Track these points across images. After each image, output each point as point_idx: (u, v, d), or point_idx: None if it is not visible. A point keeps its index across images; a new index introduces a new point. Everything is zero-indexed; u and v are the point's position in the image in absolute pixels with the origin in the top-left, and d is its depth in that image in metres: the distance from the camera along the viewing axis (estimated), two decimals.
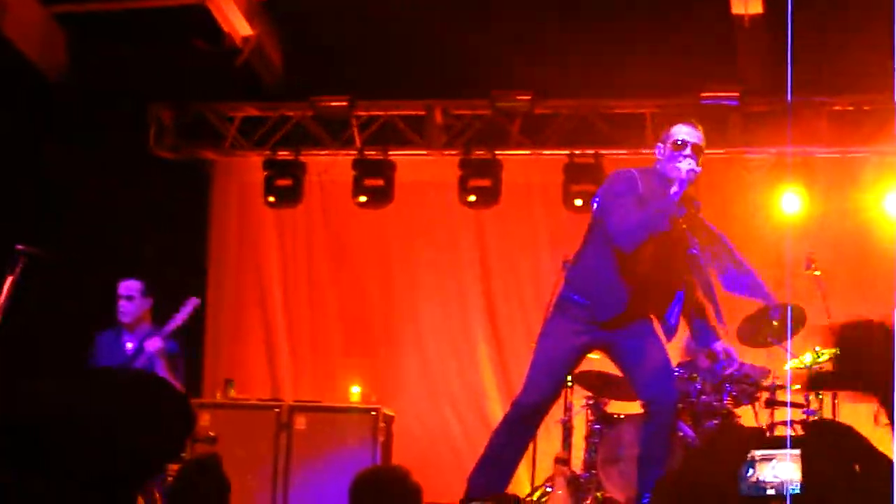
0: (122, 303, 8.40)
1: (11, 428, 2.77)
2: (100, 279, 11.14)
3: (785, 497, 4.30)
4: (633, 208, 6.81)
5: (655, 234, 6.79)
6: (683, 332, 10.32)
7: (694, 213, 7.00)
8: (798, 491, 4.32)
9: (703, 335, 7.17)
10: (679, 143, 6.93)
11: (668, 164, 6.92)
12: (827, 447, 4.19)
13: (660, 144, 7.07)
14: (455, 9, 11.12)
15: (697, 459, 4.59)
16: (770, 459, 4.39)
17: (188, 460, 6.21)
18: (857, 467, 4.26)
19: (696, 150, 6.91)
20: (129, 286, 8.43)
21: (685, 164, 6.81)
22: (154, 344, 8.14)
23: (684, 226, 6.94)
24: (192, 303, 8.31)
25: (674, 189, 6.77)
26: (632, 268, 6.89)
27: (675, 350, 10.15)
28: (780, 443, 4.50)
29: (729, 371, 7.26)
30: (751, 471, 4.35)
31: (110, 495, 2.63)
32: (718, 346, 7.11)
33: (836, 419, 9.51)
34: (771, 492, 4.37)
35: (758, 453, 4.40)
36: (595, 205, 7.22)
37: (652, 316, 7.10)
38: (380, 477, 5.49)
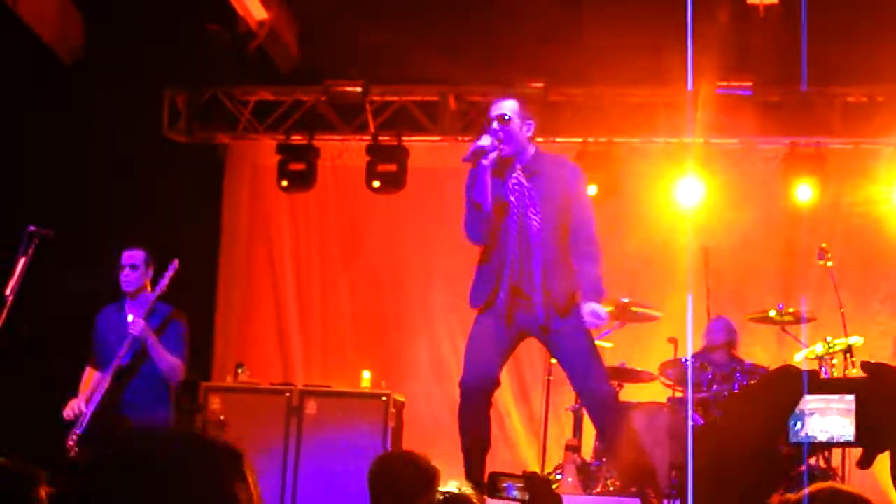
0: (126, 272, 8.37)
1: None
2: (112, 261, 11.20)
3: (835, 445, 4.29)
4: (467, 204, 7.09)
5: (486, 219, 6.98)
6: (699, 325, 10.39)
7: (525, 179, 7.06)
8: (850, 439, 4.30)
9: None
10: (488, 120, 7.13)
11: None
12: (885, 390, 4.17)
13: None
14: None
15: (745, 403, 4.56)
16: (823, 409, 4.37)
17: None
18: None
19: (499, 120, 6.99)
20: (133, 255, 8.39)
21: (482, 139, 6.98)
22: (136, 327, 8.14)
23: (512, 198, 6.99)
24: (173, 266, 8.30)
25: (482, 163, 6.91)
26: (490, 251, 7.08)
27: (694, 340, 10.22)
28: (834, 387, 4.47)
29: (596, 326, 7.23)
30: (799, 423, 4.34)
31: None
32: (585, 308, 7.07)
33: None
34: (823, 438, 4.34)
35: (809, 402, 4.37)
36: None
37: (529, 296, 7.09)
38: (398, 461, 5.51)
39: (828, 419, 4.21)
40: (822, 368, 9.73)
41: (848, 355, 9.67)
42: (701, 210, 11.71)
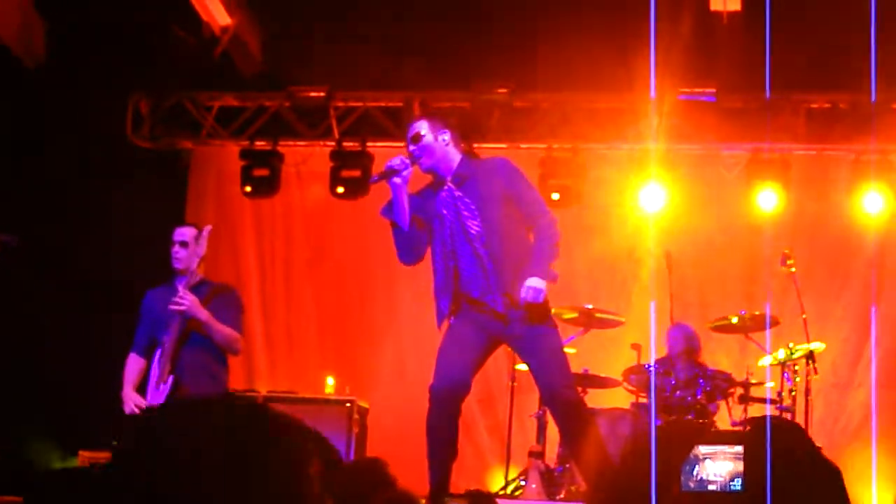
0: (176, 248, 8.10)
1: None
2: (75, 267, 11.16)
3: (727, 493, 4.31)
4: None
5: (408, 239, 7.07)
6: (663, 330, 10.42)
7: (461, 174, 7.08)
8: (740, 488, 4.33)
9: None
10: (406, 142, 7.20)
11: None
12: (772, 445, 4.19)
13: None
14: (435, 0, 11.14)
15: (638, 456, 4.59)
16: (714, 456, 4.40)
17: None
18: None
19: (413, 140, 7.10)
20: (183, 232, 8.14)
21: (411, 157, 7.07)
22: (184, 303, 7.85)
23: (444, 210, 7.01)
24: (207, 230, 8.13)
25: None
26: (437, 269, 7.13)
27: (658, 346, 10.25)
28: (724, 439, 4.50)
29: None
30: (695, 468, 4.36)
31: None
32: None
33: (794, 418, 9.58)
34: (713, 488, 4.37)
35: (702, 450, 4.40)
36: None
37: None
38: (353, 469, 5.50)
39: (719, 464, 4.25)
40: (785, 374, 9.77)
41: (810, 361, 9.72)
42: (664, 216, 11.74)
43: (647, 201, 11.70)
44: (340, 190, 12.30)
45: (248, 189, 12.47)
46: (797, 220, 11.76)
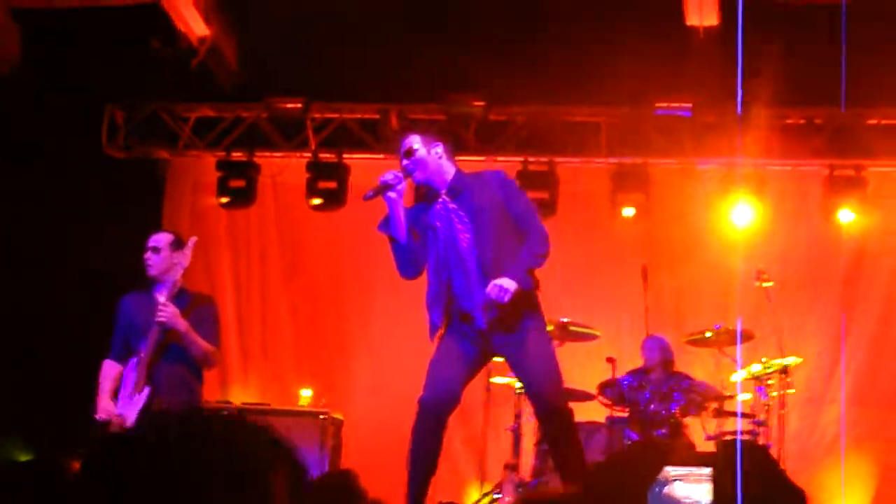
0: (148, 254, 7.99)
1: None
2: (51, 279, 11.12)
3: None
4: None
5: (407, 252, 7.10)
6: (638, 343, 10.44)
7: (454, 189, 7.10)
8: None
9: None
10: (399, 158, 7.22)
11: None
12: (738, 468, 4.20)
13: None
14: (411, 13, 11.14)
15: (606, 474, 4.60)
16: (684, 478, 4.40)
17: None
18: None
19: (406, 155, 7.14)
20: (157, 238, 8.03)
21: (404, 172, 7.11)
22: (165, 314, 7.69)
23: (438, 223, 7.03)
24: (192, 242, 8.04)
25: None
26: (430, 281, 7.15)
27: (631, 359, 10.27)
28: (693, 460, 4.51)
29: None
30: (664, 489, 4.36)
31: None
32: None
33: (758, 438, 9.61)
34: None
35: (671, 471, 4.41)
36: None
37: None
38: (324, 482, 5.50)
39: (689, 486, 4.26)
40: (759, 388, 9.80)
41: (784, 375, 9.75)
42: (641, 230, 11.78)
43: (624, 215, 11.75)
44: (317, 201, 12.30)
45: (225, 200, 12.45)
46: (771, 235, 11.79)
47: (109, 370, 8.02)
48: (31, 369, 11.02)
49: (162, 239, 8.05)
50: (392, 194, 6.96)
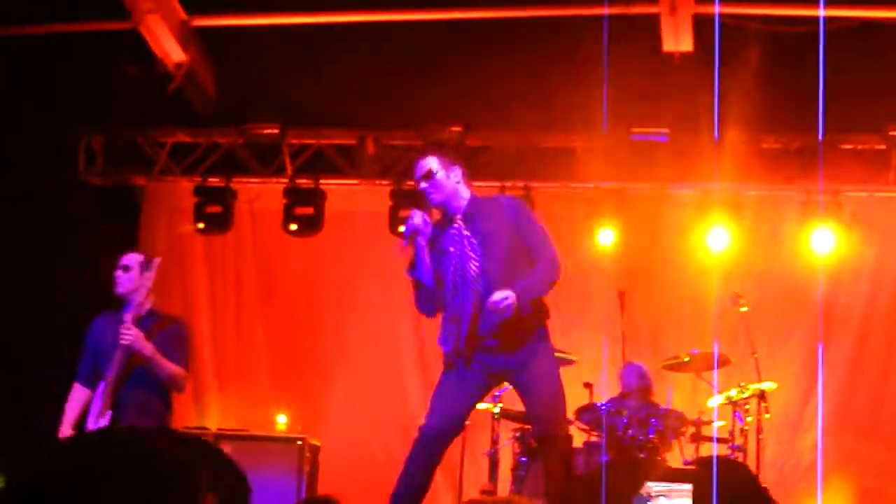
0: (119, 273, 7.86)
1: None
2: (26, 306, 11.07)
3: None
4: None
5: (431, 294, 7.01)
6: (614, 369, 10.43)
7: (468, 216, 7.08)
8: None
9: None
10: (416, 181, 7.16)
11: None
12: (719, 484, 4.21)
13: None
14: (388, 40, 11.17)
15: (587, 487, 4.62)
16: (665, 494, 4.42)
17: None
18: None
19: (424, 178, 7.06)
20: (129, 257, 7.92)
21: (421, 196, 7.08)
22: (128, 337, 7.60)
23: (451, 248, 6.99)
24: (155, 263, 7.95)
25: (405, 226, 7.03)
26: (446, 301, 7.02)
27: (610, 386, 10.26)
28: (674, 477, 4.52)
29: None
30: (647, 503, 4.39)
31: None
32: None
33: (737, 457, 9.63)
34: None
35: (653, 487, 4.42)
36: None
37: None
38: None
39: (671, 501, 4.28)
40: (737, 413, 9.81)
41: (761, 400, 9.76)
42: (617, 254, 11.79)
43: (601, 240, 11.77)
44: (293, 227, 12.28)
45: (201, 226, 12.42)
46: (748, 259, 11.81)
47: (76, 394, 7.90)
48: (5, 395, 10.96)
49: (133, 258, 7.95)
50: (421, 239, 6.93)
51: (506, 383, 7.32)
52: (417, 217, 6.96)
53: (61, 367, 8.41)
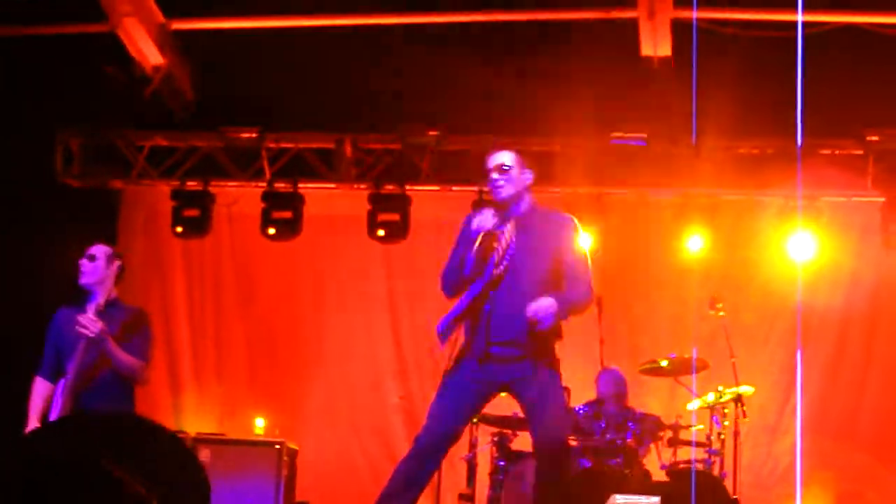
0: (84, 261, 7.74)
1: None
2: (1, 308, 11.03)
3: None
4: (454, 254, 6.99)
5: (468, 276, 6.86)
6: (592, 373, 10.42)
7: (523, 219, 7.03)
8: None
9: None
10: (487, 170, 7.06)
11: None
12: (690, 497, 4.22)
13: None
14: (366, 44, 11.17)
15: (556, 501, 4.61)
16: None
17: None
18: None
19: (498, 169, 6.98)
20: (97, 247, 7.77)
21: (490, 186, 6.96)
22: (91, 329, 7.56)
23: (496, 244, 6.94)
24: (118, 262, 7.85)
25: (476, 222, 6.86)
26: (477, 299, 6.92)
27: (586, 390, 10.26)
28: (643, 489, 4.51)
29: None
30: None
31: None
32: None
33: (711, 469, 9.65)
34: None
35: (619, 499, 4.42)
36: None
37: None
38: None
39: None
40: (714, 417, 9.82)
41: (739, 404, 9.77)
42: (594, 259, 11.78)
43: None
44: (272, 231, 12.27)
45: (179, 230, 12.39)
46: (726, 264, 11.84)
47: (39, 388, 7.75)
48: None
49: (100, 249, 7.83)
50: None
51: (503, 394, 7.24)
52: (490, 220, 6.91)
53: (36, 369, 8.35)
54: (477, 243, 6.85)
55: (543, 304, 6.65)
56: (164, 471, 2.98)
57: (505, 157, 7.05)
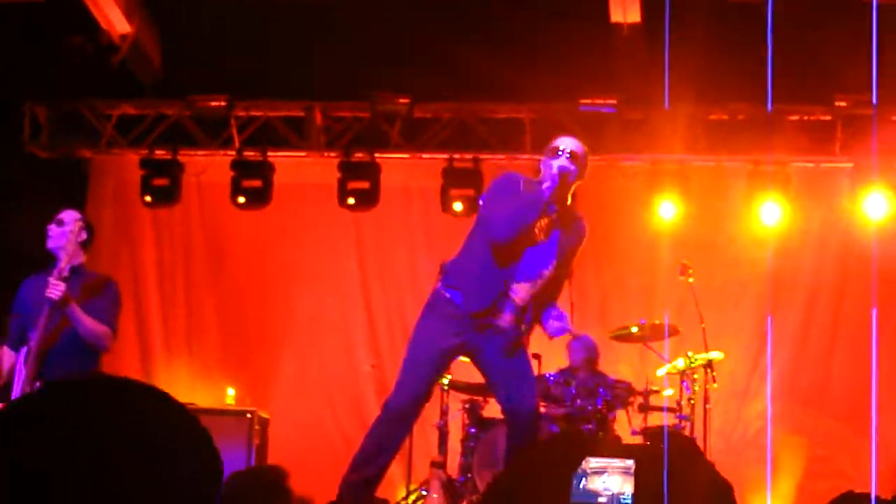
0: (51, 226, 7.56)
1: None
2: None
3: None
4: (509, 201, 6.84)
5: (525, 227, 6.80)
6: (563, 340, 10.42)
7: (563, 215, 7.02)
8: (629, 501, 4.33)
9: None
10: (555, 148, 6.97)
11: (545, 168, 6.96)
12: (662, 456, 4.21)
13: (543, 158, 7.07)
14: (335, 11, 11.11)
15: (529, 465, 4.61)
16: (604, 470, 4.41)
17: None
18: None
19: (574, 157, 6.94)
20: (66, 213, 7.60)
21: (556, 162, 6.87)
22: (55, 291, 7.47)
23: (545, 223, 6.94)
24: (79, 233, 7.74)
25: (546, 184, 6.83)
26: (505, 263, 6.89)
27: (557, 357, 10.28)
28: (617, 452, 4.50)
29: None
30: (582, 480, 4.37)
31: None
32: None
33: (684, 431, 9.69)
34: (603, 500, 4.37)
35: (591, 463, 4.41)
36: (480, 201, 7.26)
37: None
38: (252, 477, 5.46)
39: (609, 479, 4.26)
40: (684, 383, 9.85)
41: (709, 370, 9.81)
42: None
43: None
44: (241, 200, 12.24)
45: (148, 199, 12.35)
46: (696, 230, 11.85)
47: (5, 358, 7.61)
48: None
49: (69, 214, 7.69)
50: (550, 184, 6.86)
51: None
52: (572, 167, 6.89)
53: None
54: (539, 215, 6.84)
55: (564, 321, 6.95)
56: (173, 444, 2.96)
57: (580, 148, 7.04)
